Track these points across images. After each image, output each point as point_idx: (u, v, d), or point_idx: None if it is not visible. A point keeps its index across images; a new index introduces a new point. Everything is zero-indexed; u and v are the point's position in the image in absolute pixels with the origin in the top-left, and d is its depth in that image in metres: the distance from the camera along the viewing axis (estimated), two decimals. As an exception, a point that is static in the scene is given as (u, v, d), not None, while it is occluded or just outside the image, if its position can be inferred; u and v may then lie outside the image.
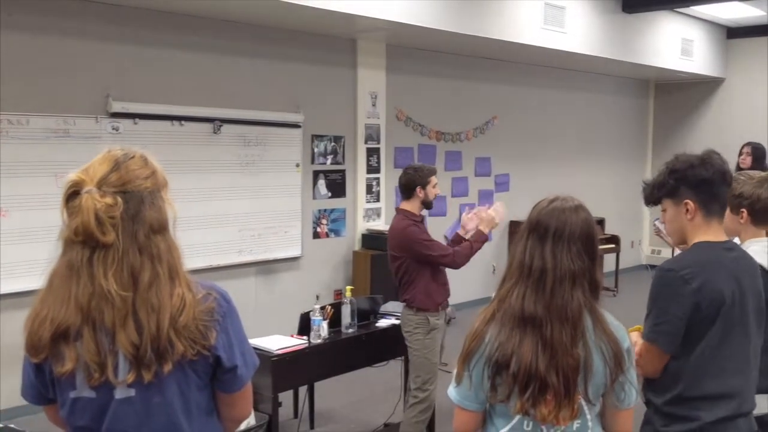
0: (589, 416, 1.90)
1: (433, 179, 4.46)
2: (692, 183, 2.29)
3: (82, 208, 1.58)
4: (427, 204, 4.45)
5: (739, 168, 6.63)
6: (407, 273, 4.31)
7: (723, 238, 2.35)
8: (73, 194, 1.61)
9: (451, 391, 1.97)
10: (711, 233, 2.32)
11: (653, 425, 2.30)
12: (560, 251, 1.88)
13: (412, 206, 4.42)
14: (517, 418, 1.88)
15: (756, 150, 6.81)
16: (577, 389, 1.84)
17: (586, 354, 1.84)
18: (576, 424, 1.89)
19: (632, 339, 2.30)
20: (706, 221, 2.31)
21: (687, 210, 2.30)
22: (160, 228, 1.66)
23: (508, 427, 1.91)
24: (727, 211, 2.51)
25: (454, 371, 1.96)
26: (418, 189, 4.38)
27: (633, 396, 1.95)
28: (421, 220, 4.45)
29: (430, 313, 4.29)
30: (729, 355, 2.25)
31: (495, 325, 1.88)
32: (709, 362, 2.24)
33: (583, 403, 1.87)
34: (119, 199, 1.60)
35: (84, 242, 1.58)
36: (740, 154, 6.98)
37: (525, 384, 1.81)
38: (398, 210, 4.51)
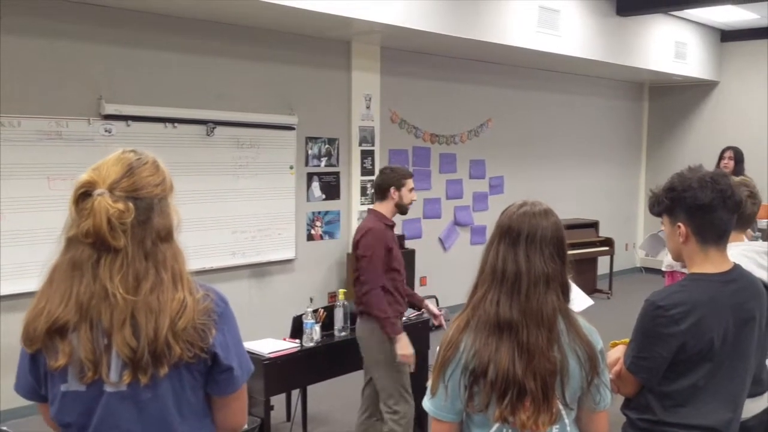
0: (567, 420, 1.90)
1: (410, 182, 4.19)
2: (687, 206, 2.19)
3: (95, 211, 1.58)
4: (401, 208, 4.17)
5: None
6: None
7: (724, 267, 2.23)
8: (84, 195, 1.62)
9: (426, 403, 1.94)
10: (709, 263, 2.21)
11: None
12: (533, 255, 1.87)
13: (385, 209, 4.15)
14: (496, 426, 1.87)
15: (737, 153, 6.99)
16: (555, 394, 1.83)
17: (561, 357, 1.84)
18: (554, 429, 1.88)
19: (615, 355, 2.29)
20: (702, 249, 2.21)
21: (679, 233, 2.22)
22: (167, 235, 1.68)
23: None
24: None
25: (429, 382, 1.94)
26: (392, 190, 4.12)
27: (608, 397, 1.95)
28: (392, 225, 4.18)
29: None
30: (714, 392, 2.19)
31: (470, 333, 1.87)
32: (691, 396, 2.18)
33: (561, 407, 1.86)
34: (131, 205, 1.61)
35: (93, 244, 1.60)
36: (721, 158, 7.07)
37: (503, 391, 1.80)
38: (371, 210, 4.22)
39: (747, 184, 2.87)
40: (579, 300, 3.41)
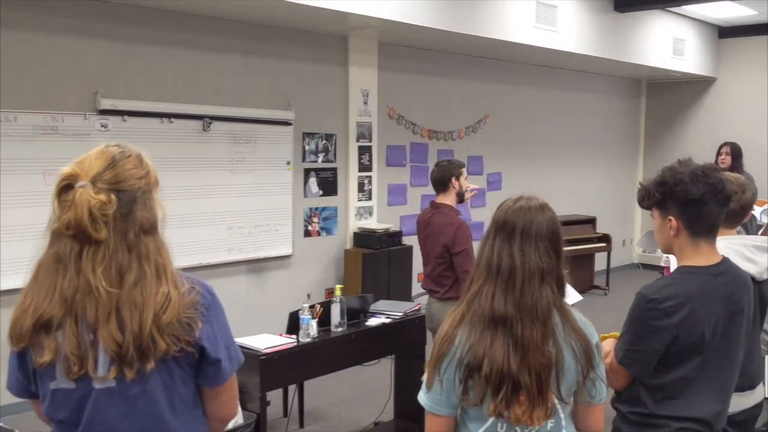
0: (562, 415, 1.90)
1: (464, 171, 4.53)
2: (678, 200, 2.19)
3: (76, 203, 1.58)
4: (461, 196, 4.50)
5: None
6: (451, 267, 4.35)
7: (713, 260, 2.24)
8: (66, 187, 1.62)
9: (422, 397, 1.94)
10: (700, 256, 2.23)
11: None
12: (528, 249, 1.87)
13: (450, 200, 4.48)
14: (491, 420, 1.87)
15: (734, 149, 7.03)
16: (550, 388, 1.83)
17: (557, 352, 1.84)
18: (550, 424, 1.88)
19: (605, 349, 2.27)
20: (693, 242, 2.22)
21: (670, 226, 2.23)
22: (150, 228, 1.67)
23: (481, 431, 1.89)
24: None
25: (424, 376, 1.94)
26: (453, 180, 4.43)
27: (604, 391, 1.96)
28: (459, 215, 4.50)
29: None
30: (704, 384, 2.21)
31: (465, 327, 1.87)
32: (682, 389, 2.20)
33: (556, 401, 1.86)
34: (113, 197, 1.61)
35: (74, 236, 1.59)
36: (719, 154, 7.09)
37: (498, 385, 1.80)
38: (438, 204, 4.51)
39: (731, 181, 2.83)
40: (568, 295, 3.42)
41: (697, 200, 2.16)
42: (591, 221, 9.70)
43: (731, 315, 2.22)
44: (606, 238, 9.68)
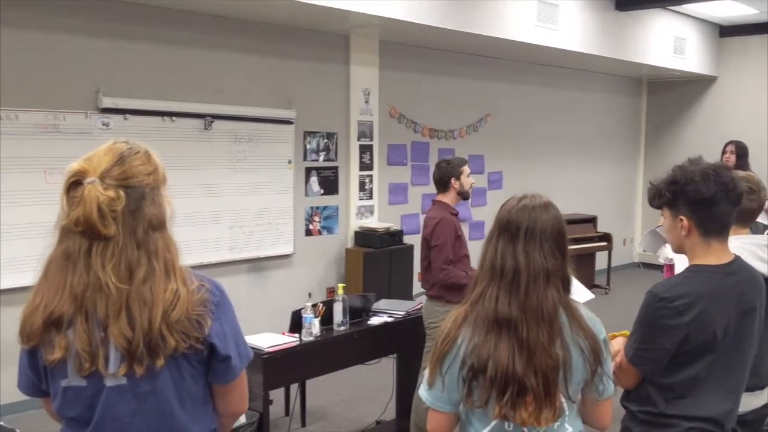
0: (567, 412, 1.89)
1: (466, 169, 4.56)
2: (689, 199, 2.17)
3: (85, 199, 1.58)
4: (463, 194, 4.55)
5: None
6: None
7: (725, 259, 2.22)
8: (74, 183, 1.61)
9: (424, 393, 1.93)
10: (711, 255, 2.20)
11: (631, 431, 2.28)
12: (532, 249, 1.85)
13: (448, 198, 4.53)
14: (495, 422, 1.85)
15: (739, 148, 7.02)
16: (558, 389, 1.81)
17: (564, 352, 1.81)
18: (556, 424, 1.86)
19: (614, 347, 2.27)
20: (704, 241, 2.20)
21: (682, 226, 2.21)
22: (159, 225, 1.67)
23: (487, 429, 1.88)
24: None
25: (426, 372, 1.93)
26: (452, 180, 4.49)
27: (611, 387, 1.95)
28: (456, 213, 4.53)
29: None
30: (715, 383, 2.19)
31: (467, 328, 1.84)
32: (692, 388, 2.18)
33: (564, 401, 1.84)
34: (122, 193, 1.61)
35: (83, 233, 1.59)
36: (724, 152, 7.08)
37: (503, 387, 1.78)
38: (436, 201, 4.57)
39: (749, 180, 2.83)
40: (579, 294, 3.41)
41: (708, 199, 2.14)
42: (592, 220, 9.70)
43: (743, 314, 2.20)
44: (607, 237, 9.69)
